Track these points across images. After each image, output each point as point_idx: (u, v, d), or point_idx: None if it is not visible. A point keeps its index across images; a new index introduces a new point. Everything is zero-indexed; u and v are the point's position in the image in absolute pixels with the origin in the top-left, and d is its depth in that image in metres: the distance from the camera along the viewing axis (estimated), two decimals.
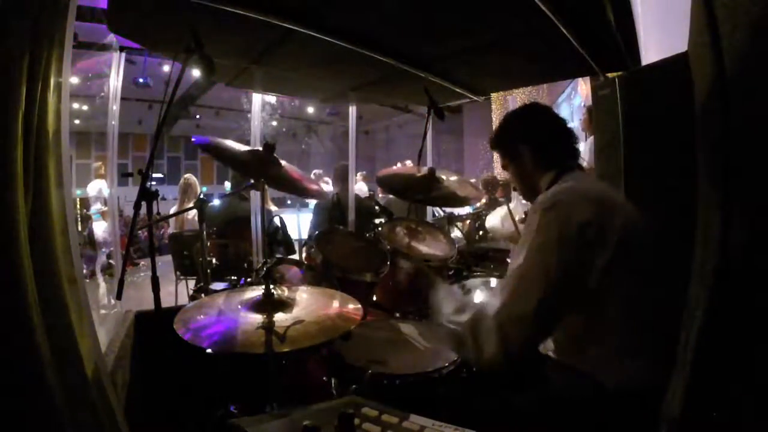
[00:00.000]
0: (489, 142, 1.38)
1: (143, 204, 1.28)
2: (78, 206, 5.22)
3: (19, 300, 0.72)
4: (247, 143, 2.96)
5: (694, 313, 0.80)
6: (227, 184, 5.83)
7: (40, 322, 0.74)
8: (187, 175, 4.28)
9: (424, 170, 1.95)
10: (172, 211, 3.59)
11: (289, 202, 7.89)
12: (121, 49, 2.16)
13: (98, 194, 5.37)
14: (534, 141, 1.23)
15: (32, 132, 0.79)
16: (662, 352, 0.90)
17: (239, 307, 1.12)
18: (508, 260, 2.78)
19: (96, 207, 5.30)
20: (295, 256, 3.06)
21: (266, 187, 3.60)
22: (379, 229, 1.93)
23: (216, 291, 1.59)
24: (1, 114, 0.72)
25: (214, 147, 1.77)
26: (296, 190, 1.93)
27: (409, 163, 5.54)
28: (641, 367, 0.98)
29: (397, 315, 1.65)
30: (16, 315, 0.72)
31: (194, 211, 1.81)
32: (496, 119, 7.18)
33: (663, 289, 1.02)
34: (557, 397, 1.05)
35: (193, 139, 1.88)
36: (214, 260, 1.84)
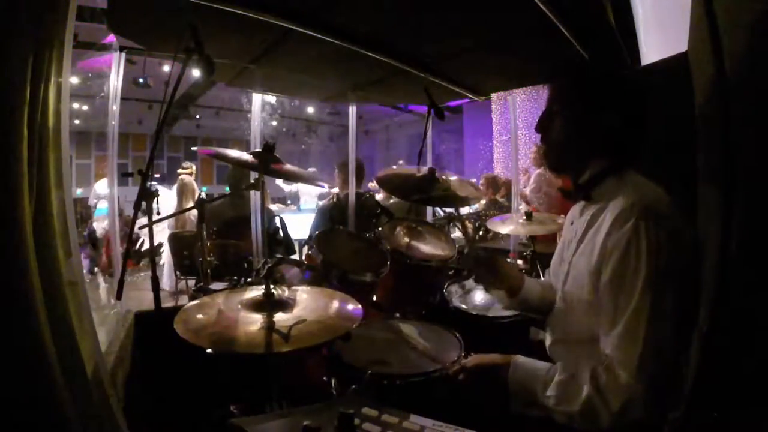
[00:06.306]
0: (554, 84, 1.09)
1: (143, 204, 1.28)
2: (78, 206, 5.21)
3: (27, 302, 0.72)
4: (247, 143, 2.97)
5: (697, 315, 0.80)
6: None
7: (46, 324, 0.74)
8: (181, 176, 4.27)
9: (424, 170, 1.95)
10: (172, 211, 3.59)
11: (289, 202, 7.90)
12: (121, 49, 2.15)
13: (106, 192, 5.36)
14: (626, 113, 1.01)
15: (35, 132, 0.79)
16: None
17: (239, 306, 1.12)
18: (508, 260, 2.79)
19: (102, 204, 5.29)
20: (295, 256, 3.06)
21: (266, 187, 3.60)
22: (379, 229, 1.93)
23: (216, 291, 1.59)
24: (9, 115, 0.71)
25: (221, 155, 1.79)
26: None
27: (401, 162, 5.51)
28: None
29: (397, 315, 1.65)
30: (25, 317, 0.72)
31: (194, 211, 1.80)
32: (496, 119, 7.17)
33: None
34: None
35: (195, 149, 1.91)
36: (214, 260, 1.84)
